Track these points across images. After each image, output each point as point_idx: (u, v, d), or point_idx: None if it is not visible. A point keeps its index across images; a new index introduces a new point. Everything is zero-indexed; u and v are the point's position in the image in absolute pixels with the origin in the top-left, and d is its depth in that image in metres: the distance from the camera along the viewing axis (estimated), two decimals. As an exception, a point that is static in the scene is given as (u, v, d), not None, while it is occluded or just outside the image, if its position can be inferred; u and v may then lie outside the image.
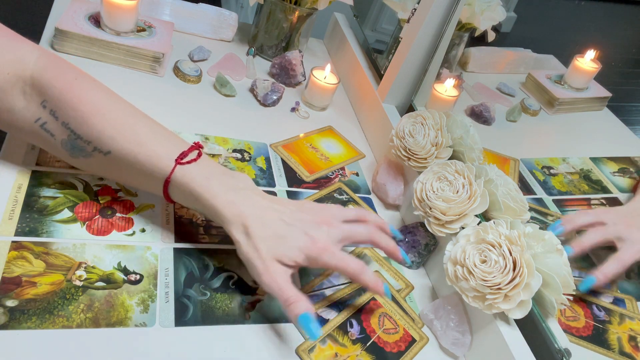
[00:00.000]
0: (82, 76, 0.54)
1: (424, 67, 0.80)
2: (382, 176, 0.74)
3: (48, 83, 0.52)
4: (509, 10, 0.92)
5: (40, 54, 0.54)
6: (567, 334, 0.55)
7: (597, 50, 0.88)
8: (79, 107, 0.51)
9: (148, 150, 0.52)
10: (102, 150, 0.52)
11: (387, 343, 0.55)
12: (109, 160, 0.53)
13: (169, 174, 0.52)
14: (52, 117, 0.52)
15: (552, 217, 0.72)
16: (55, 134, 0.53)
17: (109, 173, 0.56)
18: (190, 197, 0.53)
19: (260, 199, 0.53)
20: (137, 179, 0.55)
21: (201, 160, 0.53)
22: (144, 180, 0.54)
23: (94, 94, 0.53)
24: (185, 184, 0.52)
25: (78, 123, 0.52)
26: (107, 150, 0.52)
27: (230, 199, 0.52)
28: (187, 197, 0.53)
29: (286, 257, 0.50)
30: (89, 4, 0.82)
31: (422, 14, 0.75)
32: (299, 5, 0.90)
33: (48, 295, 0.48)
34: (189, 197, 0.53)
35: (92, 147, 0.52)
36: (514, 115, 0.89)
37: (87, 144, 0.52)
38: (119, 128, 0.52)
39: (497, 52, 0.99)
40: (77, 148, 0.53)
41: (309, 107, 0.88)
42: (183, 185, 0.52)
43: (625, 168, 0.81)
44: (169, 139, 0.54)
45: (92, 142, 0.52)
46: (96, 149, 0.52)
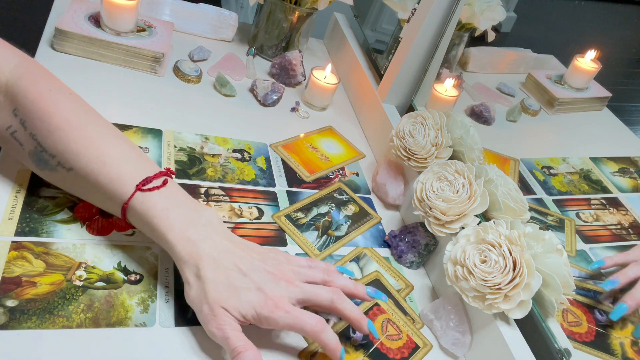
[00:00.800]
0: (57, 88, 0.52)
1: (424, 67, 0.80)
2: (382, 176, 0.74)
3: (21, 92, 0.50)
4: (509, 10, 0.92)
5: (20, 61, 0.53)
6: (570, 340, 0.55)
7: (597, 50, 0.88)
8: (47, 119, 0.50)
9: (111, 172, 0.49)
10: (64, 166, 0.50)
11: (390, 349, 0.55)
12: (71, 177, 0.51)
13: (127, 199, 0.49)
14: (22, 126, 0.51)
15: (552, 217, 0.72)
16: (23, 143, 0.51)
17: (72, 189, 0.54)
18: (147, 227, 0.50)
19: (220, 240, 0.49)
20: (98, 199, 0.52)
21: (166, 188, 0.50)
22: (105, 201, 0.51)
23: (65, 107, 0.51)
24: (143, 212, 0.49)
25: (44, 136, 0.50)
26: (69, 166, 0.50)
27: (187, 235, 0.48)
28: (144, 226, 0.50)
29: (235, 310, 0.46)
30: (89, 4, 0.82)
31: (422, 14, 0.75)
32: (299, 5, 0.90)
33: (48, 295, 0.48)
34: (146, 226, 0.50)
35: (55, 162, 0.51)
36: (514, 115, 0.89)
37: (52, 157, 0.50)
38: (85, 145, 0.50)
39: (497, 52, 0.99)
40: (42, 161, 0.51)
41: (309, 107, 0.88)
42: (140, 213, 0.49)
43: (625, 168, 0.81)
44: (136, 162, 0.51)
45: (56, 157, 0.50)
46: (59, 164, 0.50)
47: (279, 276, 0.49)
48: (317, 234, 0.65)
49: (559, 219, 0.72)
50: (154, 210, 0.49)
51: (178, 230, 0.48)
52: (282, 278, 0.49)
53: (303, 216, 0.67)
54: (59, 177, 0.52)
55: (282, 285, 0.48)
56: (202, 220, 0.50)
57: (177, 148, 0.69)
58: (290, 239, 0.63)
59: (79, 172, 0.50)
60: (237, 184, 0.68)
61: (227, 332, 0.46)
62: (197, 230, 0.49)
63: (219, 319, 0.46)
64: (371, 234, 0.69)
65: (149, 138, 0.69)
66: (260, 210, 0.65)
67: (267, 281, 0.48)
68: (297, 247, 0.63)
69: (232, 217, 0.63)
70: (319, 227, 0.66)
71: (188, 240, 0.48)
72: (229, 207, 0.64)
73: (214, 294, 0.46)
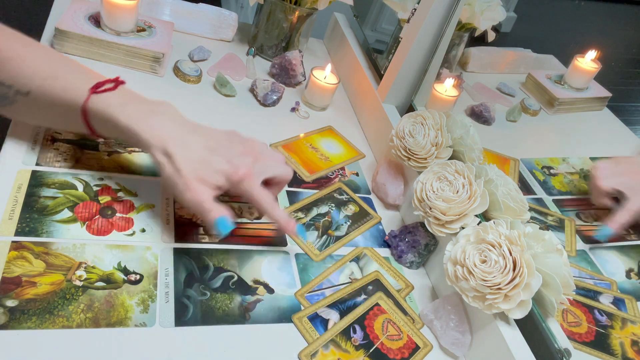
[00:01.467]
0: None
1: (424, 67, 0.80)
2: (382, 176, 0.74)
3: None
4: (509, 10, 0.92)
5: None
6: (570, 340, 0.55)
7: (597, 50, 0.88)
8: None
9: (65, 83, 0.53)
10: (22, 92, 0.53)
11: (390, 349, 0.55)
12: (31, 103, 0.54)
13: (83, 102, 0.52)
14: None
15: (552, 217, 0.72)
16: None
17: (36, 117, 0.57)
18: (109, 125, 0.52)
19: (182, 122, 0.54)
20: (60, 117, 0.55)
21: (119, 90, 0.54)
22: (66, 116, 0.54)
23: (7, 40, 0.54)
24: (101, 111, 0.52)
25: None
26: (26, 90, 0.53)
27: (150, 122, 0.52)
28: (107, 125, 0.53)
29: (208, 179, 0.51)
30: (89, 4, 0.82)
31: (422, 14, 0.75)
32: (299, 5, 0.90)
33: (48, 295, 0.48)
34: (109, 124, 0.53)
35: (13, 92, 0.53)
36: (514, 115, 0.89)
37: (9, 88, 0.53)
38: (35, 67, 0.53)
39: (497, 52, 0.99)
40: (2, 96, 0.54)
41: (309, 107, 0.88)
42: (99, 113, 0.52)
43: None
44: (86, 73, 0.55)
45: (12, 86, 0.53)
46: (17, 93, 0.53)
47: (245, 152, 0.55)
48: (317, 234, 0.65)
49: (559, 219, 0.72)
50: (112, 107, 0.52)
51: (139, 119, 0.51)
52: (248, 154, 0.54)
53: (303, 216, 0.67)
54: (20, 107, 0.55)
55: (248, 159, 0.54)
56: (161, 108, 0.54)
57: (177, 148, 0.69)
58: (290, 239, 0.63)
59: (36, 92, 0.53)
60: (237, 184, 0.68)
61: (202, 197, 0.51)
62: (158, 118, 0.52)
63: (193, 188, 0.51)
64: (371, 234, 0.69)
65: (149, 138, 0.69)
66: (260, 210, 0.65)
67: (235, 155, 0.54)
68: (297, 247, 0.63)
69: (232, 217, 0.63)
70: (319, 227, 0.66)
71: (152, 127, 0.52)
72: (229, 207, 0.64)
73: (187, 169, 0.51)
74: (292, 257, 0.61)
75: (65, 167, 0.60)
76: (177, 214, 0.60)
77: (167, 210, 0.60)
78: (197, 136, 0.53)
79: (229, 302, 0.54)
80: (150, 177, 0.63)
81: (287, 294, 0.57)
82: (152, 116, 0.52)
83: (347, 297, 0.59)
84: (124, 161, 0.64)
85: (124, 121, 0.51)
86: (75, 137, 0.64)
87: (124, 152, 0.65)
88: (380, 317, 0.58)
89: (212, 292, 0.54)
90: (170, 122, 0.53)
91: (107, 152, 0.64)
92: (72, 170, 0.60)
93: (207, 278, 0.55)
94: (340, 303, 0.58)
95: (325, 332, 0.54)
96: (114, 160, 0.64)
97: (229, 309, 0.53)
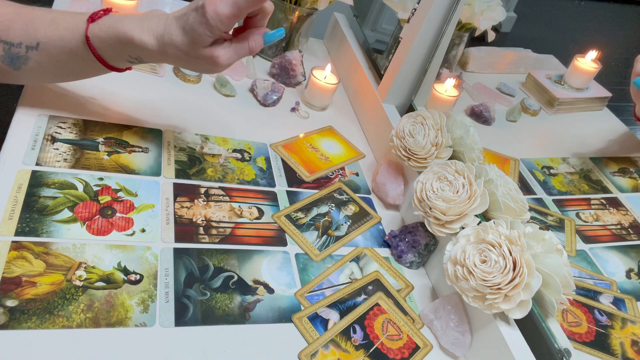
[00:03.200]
0: None
1: (424, 67, 0.80)
2: (382, 176, 0.74)
3: None
4: (509, 10, 0.92)
5: None
6: (570, 340, 0.55)
7: (597, 50, 0.88)
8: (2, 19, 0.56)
9: (65, 24, 0.57)
10: (32, 46, 0.57)
11: (390, 349, 0.55)
12: (42, 54, 0.57)
13: (84, 32, 0.56)
14: None
15: (552, 217, 0.72)
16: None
17: (52, 69, 0.59)
18: (113, 44, 0.56)
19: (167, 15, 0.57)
20: (71, 61, 0.58)
21: (111, 14, 0.58)
22: (76, 57, 0.58)
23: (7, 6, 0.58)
24: (102, 33, 0.56)
25: (6, 32, 0.56)
26: (36, 42, 0.57)
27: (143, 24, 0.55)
28: (112, 46, 0.56)
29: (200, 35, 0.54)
30: (89, 4, 0.82)
31: (422, 14, 0.75)
32: (299, 5, 0.90)
33: (48, 295, 0.48)
34: (112, 44, 0.56)
35: (24, 48, 0.57)
36: (514, 115, 0.89)
37: (20, 46, 0.57)
38: (36, 20, 0.57)
39: (497, 52, 0.99)
40: (15, 57, 0.57)
41: (309, 107, 0.88)
42: (101, 35, 0.56)
43: (625, 168, 0.82)
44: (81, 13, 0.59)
45: (22, 43, 0.57)
46: (28, 48, 0.57)
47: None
48: (317, 234, 0.65)
49: (559, 219, 0.72)
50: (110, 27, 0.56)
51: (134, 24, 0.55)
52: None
53: (303, 216, 0.67)
54: (34, 64, 0.58)
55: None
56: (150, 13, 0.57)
57: (177, 148, 0.69)
58: (290, 239, 0.63)
59: (43, 41, 0.57)
60: (237, 184, 0.68)
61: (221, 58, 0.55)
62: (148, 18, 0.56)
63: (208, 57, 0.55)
64: (371, 234, 0.69)
65: (149, 138, 0.69)
66: (260, 210, 0.65)
67: None
68: (297, 247, 0.63)
69: (232, 217, 0.63)
70: (319, 227, 0.66)
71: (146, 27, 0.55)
72: (229, 207, 0.64)
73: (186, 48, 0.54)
74: (292, 257, 0.61)
75: (65, 167, 0.60)
76: (177, 214, 0.60)
77: (167, 210, 0.60)
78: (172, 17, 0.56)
79: (229, 302, 0.54)
80: (150, 177, 0.63)
81: (287, 294, 0.57)
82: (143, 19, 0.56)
83: (347, 297, 0.59)
84: (124, 161, 0.64)
85: (121, 34, 0.55)
86: (75, 137, 0.64)
87: (124, 152, 0.65)
88: (380, 317, 0.58)
89: (212, 292, 0.54)
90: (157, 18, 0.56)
91: (107, 152, 0.64)
92: (72, 170, 0.60)
93: (207, 278, 0.55)
94: (340, 303, 0.58)
95: (325, 332, 0.54)
96: (114, 160, 0.64)
97: (229, 309, 0.53)
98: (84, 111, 0.68)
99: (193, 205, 0.62)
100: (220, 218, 0.62)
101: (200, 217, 0.61)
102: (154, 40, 0.55)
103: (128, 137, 0.67)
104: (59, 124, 0.65)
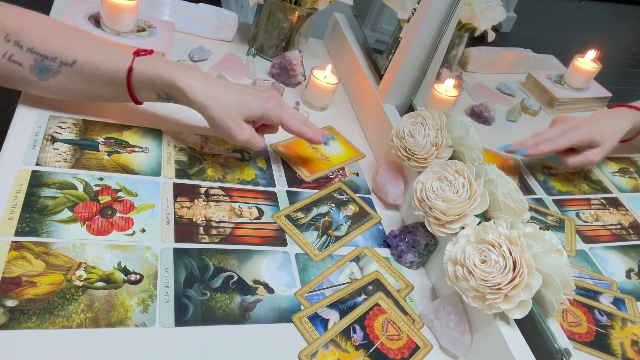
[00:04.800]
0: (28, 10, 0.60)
1: (424, 67, 0.80)
2: (382, 176, 0.74)
3: (6, 20, 0.57)
4: (509, 10, 0.92)
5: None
6: (570, 340, 0.55)
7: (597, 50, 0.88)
8: (39, 31, 0.58)
9: (108, 49, 0.60)
10: (67, 62, 0.58)
11: (390, 349, 0.55)
12: (75, 72, 0.59)
13: (130, 63, 0.59)
14: (17, 47, 0.58)
15: (552, 217, 0.72)
16: (22, 62, 0.58)
17: (78, 88, 0.61)
18: (151, 85, 0.60)
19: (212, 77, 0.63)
20: (102, 85, 0.61)
21: (154, 55, 0.62)
22: (109, 83, 0.60)
23: (46, 20, 0.60)
24: (147, 71, 0.59)
25: (42, 44, 0.58)
26: (72, 60, 0.58)
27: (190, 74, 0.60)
28: (148, 86, 0.60)
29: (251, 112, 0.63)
30: (89, 4, 0.82)
31: (422, 14, 0.75)
32: (299, 5, 0.90)
33: (48, 295, 0.48)
34: (150, 85, 0.60)
35: (58, 63, 0.58)
36: (514, 115, 0.89)
37: (53, 60, 0.58)
38: (79, 38, 0.60)
39: (497, 52, 0.99)
40: (45, 69, 0.58)
41: (309, 107, 0.88)
42: (145, 73, 0.59)
43: (625, 168, 0.81)
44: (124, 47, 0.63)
45: (57, 58, 0.58)
46: (62, 63, 0.58)
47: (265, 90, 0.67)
48: (317, 234, 0.65)
49: (559, 219, 0.72)
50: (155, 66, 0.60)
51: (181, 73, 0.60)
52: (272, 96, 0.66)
53: (303, 216, 0.67)
54: (63, 79, 0.60)
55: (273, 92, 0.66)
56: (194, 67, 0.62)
57: (177, 148, 0.69)
58: (290, 239, 0.63)
59: (82, 61, 0.59)
60: (237, 184, 0.68)
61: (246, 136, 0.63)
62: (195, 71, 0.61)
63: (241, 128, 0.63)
64: (371, 234, 0.69)
65: (149, 138, 0.69)
66: (260, 210, 0.65)
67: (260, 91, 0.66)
68: (297, 247, 0.63)
69: (232, 217, 0.63)
70: (319, 227, 0.66)
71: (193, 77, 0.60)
72: (229, 207, 0.64)
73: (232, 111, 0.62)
74: (292, 257, 0.61)
75: (65, 167, 0.60)
76: (177, 214, 0.60)
77: (167, 210, 0.60)
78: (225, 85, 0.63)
79: (229, 302, 0.54)
80: (150, 177, 0.63)
81: (287, 294, 0.57)
82: (190, 70, 0.61)
83: (347, 297, 0.59)
84: (124, 161, 0.64)
85: (168, 76, 0.59)
86: (75, 137, 0.64)
87: (124, 152, 0.65)
88: (380, 317, 0.58)
89: (212, 292, 0.54)
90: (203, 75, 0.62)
91: (107, 152, 0.64)
92: (72, 170, 0.60)
93: (207, 278, 0.55)
94: (340, 303, 0.58)
95: (325, 332, 0.54)
96: (114, 160, 0.64)
97: (229, 309, 0.53)
98: (84, 111, 0.68)
99: (193, 205, 0.62)
100: (220, 218, 0.62)
101: (200, 217, 0.61)
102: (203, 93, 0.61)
103: (128, 137, 0.67)
104: (59, 124, 0.65)
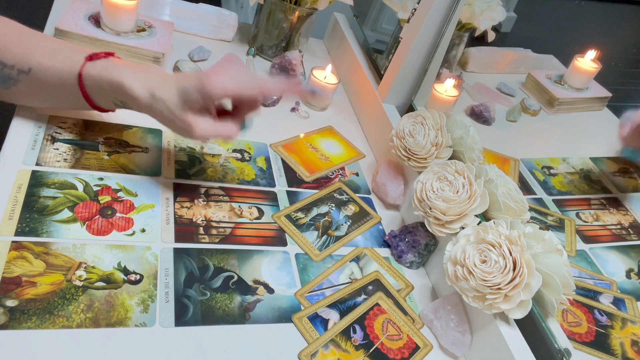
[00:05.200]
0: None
1: (424, 67, 0.80)
2: (382, 176, 0.74)
3: None
4: (509, 10, 0.92)
5: None
6: (570, 340, 0.55)
7: (597, 50, 0.88)
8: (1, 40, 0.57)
9: (62, 57, 0.58)
10: (24, 70, 0.57)
11: (390, 349, 0.55)
12: (32, 80, 0.58)
13: (79, 69, 0.56)
14: None
15: (552, 217, 0.72)
16: None
17: (38, 97, 0.60)
18: (103, 88, 0.57)
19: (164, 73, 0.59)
20: (59, 92, 0.59)
21: (110, 58, 0.58)
22: (64, 90, 0.58)
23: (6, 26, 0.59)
24: (95, 75, 0.56)
25: (1, 53, 0.57)
26: (28, 67, 0.57)
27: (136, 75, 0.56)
28: (101, 89, 0.57)
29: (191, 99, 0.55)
30: (89, 4, 0.82)
31: (422, 14, 0.75)
32: (299, 5, 0.90)
33: (48, 295, 0.48)
34: (102, 88, 0.57)
35: (16, 71, 0.57)
36: (514, 115, 0.89)
37: (12, 69, 0.57)
38: (35, 46, 0.58)
39: (497, 52, 0.99)
40: (6, 77, 0.58)
41: (309, 107, 0.88)
42: (94, 77, 0.57)
43: (625, 168, 0.82)
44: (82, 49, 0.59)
45: (15, 65, 0.57)
46: (20, 71, 0.57)
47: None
48: (317, 234, 0.65)
49: (559, 219, 0.72)
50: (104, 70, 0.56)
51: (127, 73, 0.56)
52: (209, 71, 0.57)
53: (303, 216, 0.67)
54: (23, 88, 0.59)
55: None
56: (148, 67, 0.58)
57: (177, 148, 0.69)
58: (290, 239, 0.63)
59: (36, 68, 0.57)
60: (237, 184, 0.68)
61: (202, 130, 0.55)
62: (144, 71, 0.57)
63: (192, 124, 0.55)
64: (371, 234, 0.69)
65: (149, 138, 0.69)
66: (260, 210, 0.65)
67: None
68: (297, 247, 0.63)
69: (232, 217, 0.63)
70: (319, 227, 0.66)
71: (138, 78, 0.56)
72: (229, 207, 0.64)
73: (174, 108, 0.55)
74: (292, 257, 0.61)
75: (65, 167, 0.60)
76: (177, 214, 0.60)
77: (167, 210, 0.60)
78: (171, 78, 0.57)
79: (229, 302, 0.54)
80: (150, 177, 0.63)
81: (287, 294, 0.57)
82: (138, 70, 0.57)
83: (347, 297, 0.59)
84: (124, 161, 0.64)
85: (114, 78, 0.56)
86: (75, 137, 0.64)
87: (124, 152, 0.65)
88: (380, 317, 0.58)
89: (212, 292, 0.54)
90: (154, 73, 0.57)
91: (107, 152, 0.64)
92: (72, 170, 0.60)
93: (207, 278, 0.55)
94: (340, 303, 0.58)
95: (325, 332, 0.54)
96: (114, 160, 0.64)
97: (229, 309, 0.53)
98: (84, 111, 0.68)
99: (193, 205, 0.62)
100: (220, 218, 0.62)
101: (200, 217, 0.61)
102: (145, 92, 0.55)
103: (128, 137, 0.67)
104: (59, 124, 0.65)
